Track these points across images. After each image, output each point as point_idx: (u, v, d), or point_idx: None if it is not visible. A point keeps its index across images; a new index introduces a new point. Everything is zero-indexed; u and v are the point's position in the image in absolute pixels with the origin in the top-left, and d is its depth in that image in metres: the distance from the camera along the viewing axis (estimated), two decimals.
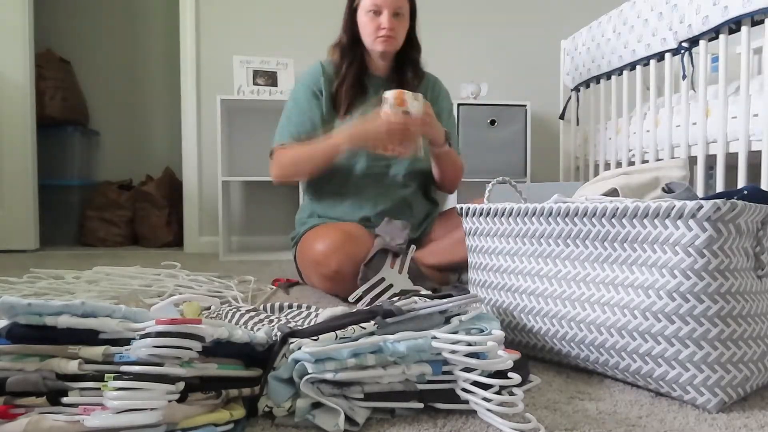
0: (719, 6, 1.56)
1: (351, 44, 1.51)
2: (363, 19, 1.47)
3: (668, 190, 0.84)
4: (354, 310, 0.72)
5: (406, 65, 1.56)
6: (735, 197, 0.70)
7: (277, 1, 2.83)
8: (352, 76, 1.50)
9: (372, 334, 0.64)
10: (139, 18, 3.47)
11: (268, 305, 1.08)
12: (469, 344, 0.62)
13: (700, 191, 1.73)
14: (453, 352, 0.62)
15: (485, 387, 0.61)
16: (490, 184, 1.05)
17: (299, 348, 0.62)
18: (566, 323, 0.79)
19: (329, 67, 1.55)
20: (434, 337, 0.63)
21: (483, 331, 0.66)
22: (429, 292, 0.78)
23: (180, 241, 2.96)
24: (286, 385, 0.61)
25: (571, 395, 0.71)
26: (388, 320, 0.66)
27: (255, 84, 2.54)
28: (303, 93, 1.54)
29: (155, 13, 3.47)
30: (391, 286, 1.26)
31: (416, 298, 0.73)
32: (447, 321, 0.70)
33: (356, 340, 0.63)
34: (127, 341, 0.55)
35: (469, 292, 0.98)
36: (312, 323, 0.87)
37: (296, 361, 0.61)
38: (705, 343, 0.65)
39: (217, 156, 2.52)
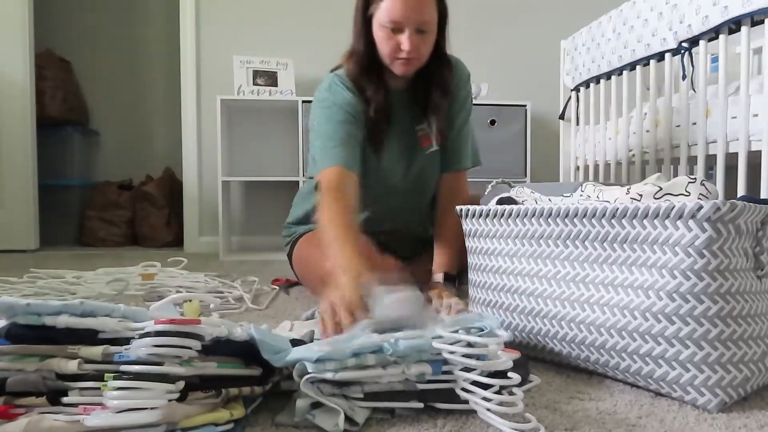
0: (719, 6, 1.56)
1: (370, 58, 1.28)
2: (379, 34, 1.24)
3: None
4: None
5: (431, 84, 1.33)
6: None
7: (277, 1, 2.83)
8: (380, 107, 1.29)
9: None
10: (139, 18, 3.47)
11: None
12: (470, 345, 0.63)
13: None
14: (453, 352, 0.62)
15: (485, 387, 0.61)
16: (489, 186, 1.05)
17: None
18: (566, 324, 0.79)
19: (350, 85, 1.31)
20: (435, 337, 0.63)
21: (483, 331, 0.66)
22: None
23: (180, 241, 2.96)
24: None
25: (571, 395, 0.71)
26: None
27: (255, 84, 2.54)
28: (335, 105, 1.29)
29: (155, 13, 3.47)
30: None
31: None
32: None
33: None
34: (126, 341, 0.55)
35: (468, 292, 0.98)
36: None
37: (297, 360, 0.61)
38: (705, 344, 0.65)
39: (217, 156, 2.52)
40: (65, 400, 0.53)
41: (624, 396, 0.71)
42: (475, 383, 0.61)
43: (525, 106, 2.63)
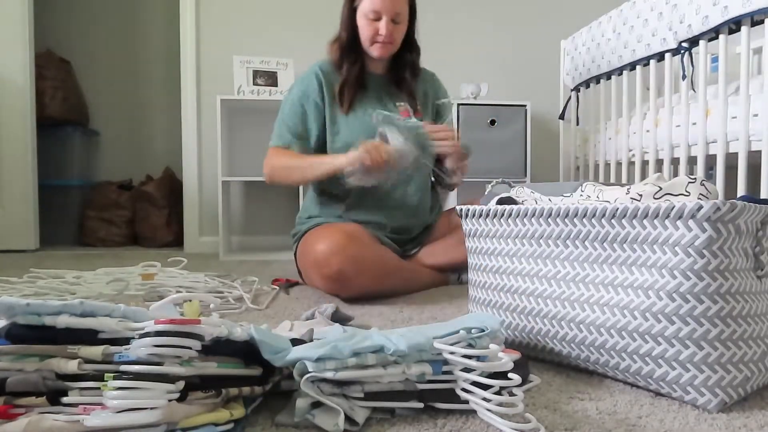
0: (719, 6, 1.56)
1: (351, 42, 1.53)
2: (361, 22, 1.49)
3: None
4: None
5: (403, 66, 1.59)
6: None
7: (277, 1, 2.83)
8: (353, 76, 1.54)
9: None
10: (139, 18, 3.47)
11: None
12: (470, 346, 0.62)
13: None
14: (453, 353, 0.62)
15: (485, 387, 0.61)
16: (489, 186, 1.05)
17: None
18: (566, 324, 0.79)
19: (327, 68, 1.57)
20: (435, 337, 0.63)
21: (483, 331, 0.66)
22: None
23: (180, 241, 2.96)
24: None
25: (571, 395, 0.71)
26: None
27: (255, 84, 2.54)
28: (298, 98, 1.56)
29: (155, 13, 3.47)
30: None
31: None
32: None
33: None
34: (126, 341, 0.55)
35: (468, 291, 0.98)
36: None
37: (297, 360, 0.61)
38: (705, 344, 0.65)
39: (217, 156, 2.52)
40: (65, 400, 0.53)
41: (624, 396, 0.71)
42: (475, 383, 0.61)
43: (525, 106, 2.63)
